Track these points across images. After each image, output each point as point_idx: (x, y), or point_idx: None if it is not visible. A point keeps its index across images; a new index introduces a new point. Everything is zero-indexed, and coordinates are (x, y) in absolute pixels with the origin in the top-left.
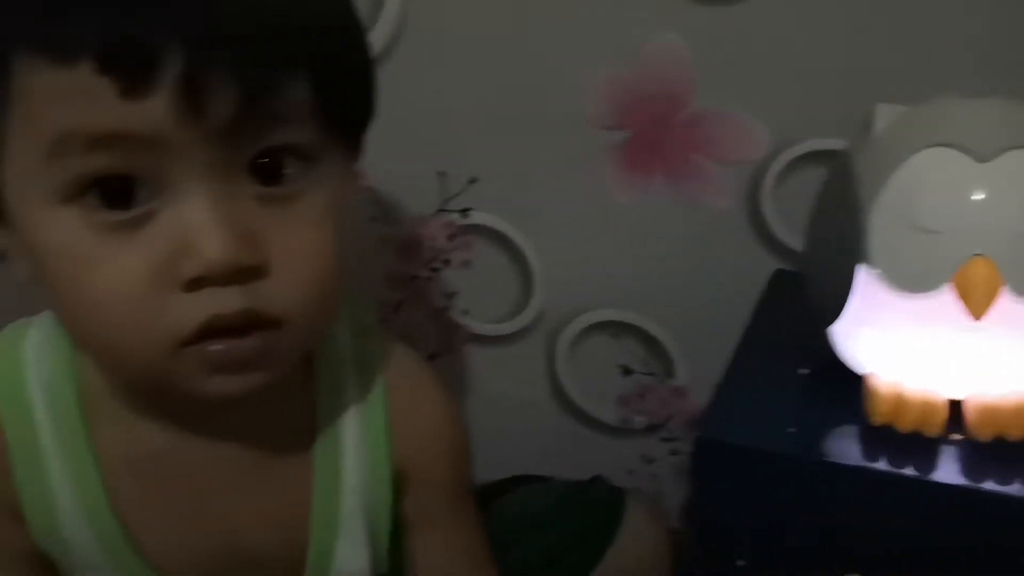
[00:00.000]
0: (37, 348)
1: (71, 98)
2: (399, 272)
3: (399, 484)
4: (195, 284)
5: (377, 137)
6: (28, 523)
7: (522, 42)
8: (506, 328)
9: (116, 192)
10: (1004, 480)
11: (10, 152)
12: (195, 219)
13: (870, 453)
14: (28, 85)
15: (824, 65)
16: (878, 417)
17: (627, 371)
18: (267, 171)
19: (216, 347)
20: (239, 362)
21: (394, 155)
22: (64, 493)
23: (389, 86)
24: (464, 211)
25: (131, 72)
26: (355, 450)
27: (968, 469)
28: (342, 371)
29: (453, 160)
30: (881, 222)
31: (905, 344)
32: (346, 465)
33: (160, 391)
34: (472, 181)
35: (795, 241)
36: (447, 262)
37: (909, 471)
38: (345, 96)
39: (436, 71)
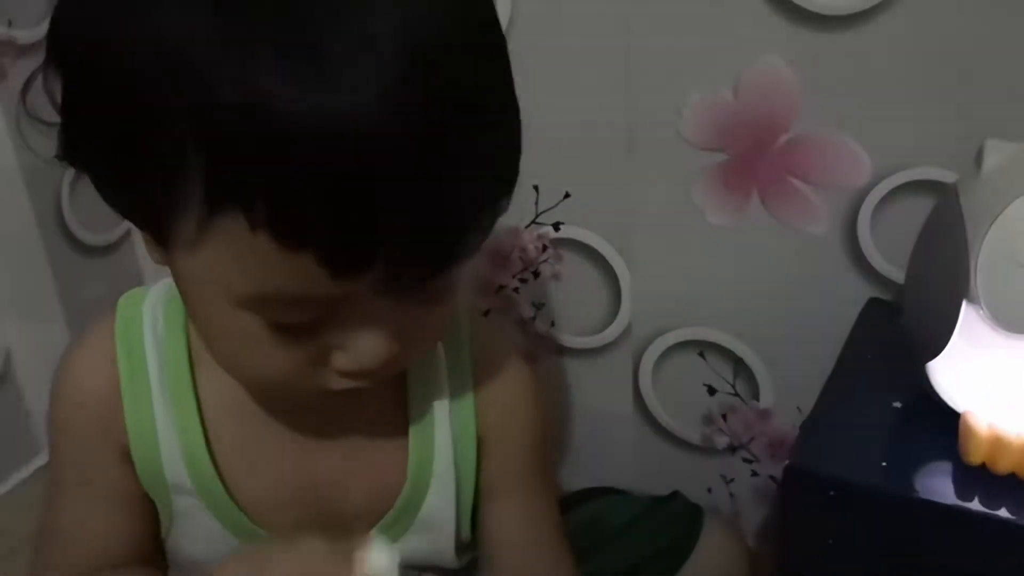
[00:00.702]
0: (152, 308)
1: (288, 272)
2: (488, 280)
3: (482, 450)
4: (348, 373)
5: None
6: (135, 463)
7: (623, 60)
8: (593, 341)
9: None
10: None
11: (201, 261)
12: (359, 328)
13: (964, 493)
14: (242, 242)
15: (934, 95)
16: (974, 457)
17: (712, 390)
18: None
19: (353, 384)
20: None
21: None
22: (167, 435)
23: None
24: (556, 224)
25: (346, 266)
26: (445, 410)
27: None
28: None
29: (548, 174)
30: (987, 260)
31: (1005, 384)
32: (438, 424)
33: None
34: (566, 196)
35: (891, 270)
36: (536, 274)
37: (1003, 513)
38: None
39: (537, 85)
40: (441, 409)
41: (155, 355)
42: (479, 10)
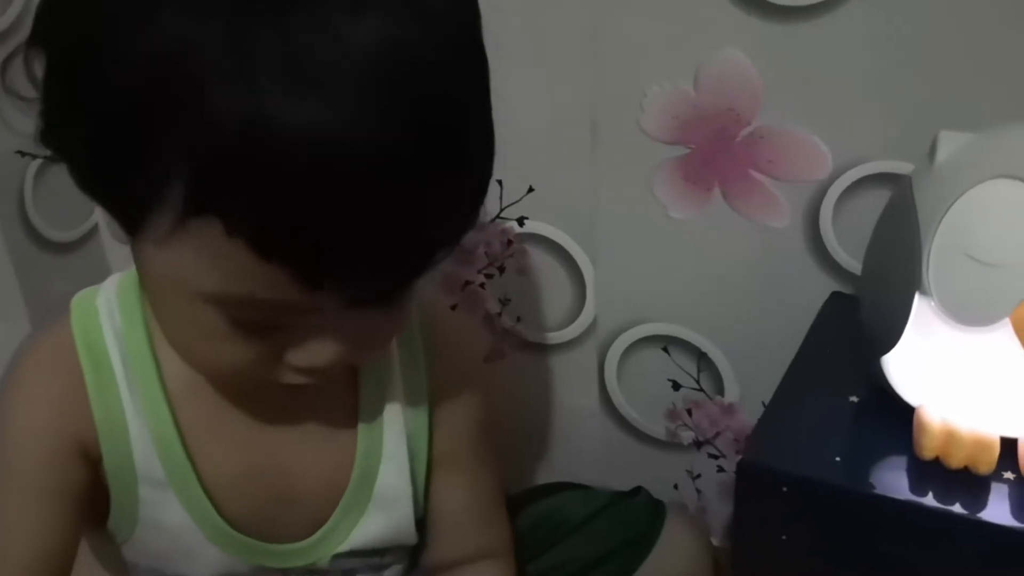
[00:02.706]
0: (107, 302)
1: (260, 279)
2: (454, 276)
3: (433, 422)
4: (301, 369)
5: None
6: (103, 457)
7: (584, 53)
8: (558, 337)
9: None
10: None
11: (171, 257)
12: (315, 334)
13: (917, 488)
14: (218, 246)
15: (893, 88)
16: (927, 452)
17: (676, 385)
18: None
19: (305, 380)
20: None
21: None
22: (137, 423)
23: None
24: (521, 219)
25: (319, 283)
26: (396, 382)
27: (1018, 509)
28: None
29: (512, 169)
30: (940, 253)
31: (958, 378)
32: (390, 396)
33: None
34: (530, 190)
35: (853, 263)
36: (502, 269)
37: (957, 508)
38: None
39: (499, 79)
40: (391, 379)
41: (116, 346)
42: (473, 37)
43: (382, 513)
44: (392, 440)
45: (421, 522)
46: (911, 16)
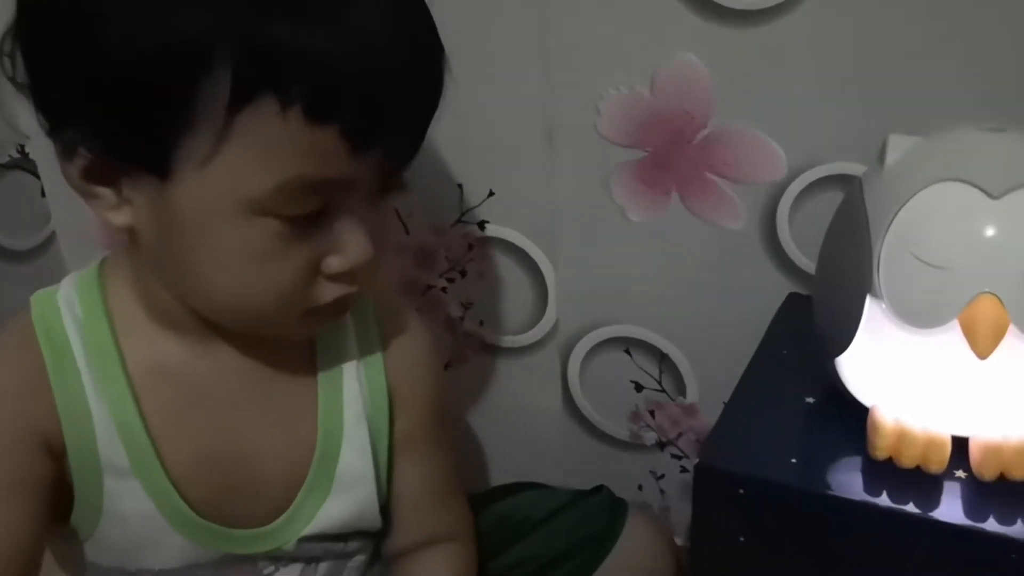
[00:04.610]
0: (67, 296)
1: (313, 152)
2: (416, 280)
3: (393, 404)
4: (337, 276)
5: None
6: (67, 448)
7: (541, 59)
8: (520, 340)
9: (310, 214)
10: (1006, 520)
11: (216, 169)
12: (350, 229)
13: (871, 488)
14: (269, 129)
15: (846, 90)
16: (879, 452)
17: (639, 387)
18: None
19: (329, 310)
20: (330, 319)
21: (413, 166)
22: (100, 412)
23: None
24: (482, 223)
25: (364, 141)
26: (353, 366)
27: (970, 508)
28: None
29: (472, 173)
30: (889, 255)
31: (910, 379)
32: (346, 379)
33: (252, 331)
34: (490, 194)
35: (810, 264)
36: (464, 273)
37: (910, 508)
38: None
39: (457, 85)
40: (349, 365)
41: (78, 335)
42: None
43: (345, 496)
44: (352, 423)
45: (385, 509)
46: (861, 19)
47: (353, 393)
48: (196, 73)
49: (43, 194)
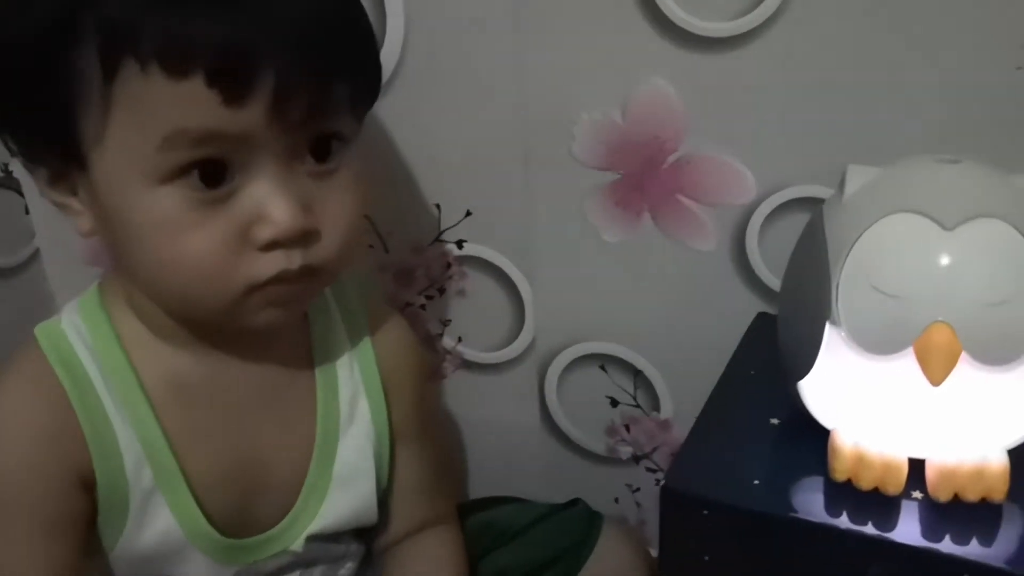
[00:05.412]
0: (71, 323)
1: (182, 104)
2: (394, 298)
3: (387, 392)
4: (269, 246)
5: (377, 169)
6: (97, 477)
7: (516, 83)
8: (498, 356)
9: (210, 174)
10: (960, 540)
11: (112, 143)
12: (269, 194)
13: (832, 509)
14: (138, 91)
15: (811, 115)
16: (839, 474)
17: (614, 402)
18: (318, 152)
19: (278, 290)
20: (289, 301)
21: (393, 186)
22: (125, 433)
23: (390, 121)
24: (459, 242)
25: (234, 87)
26: (347, 363)
27: (926, 529)
28: (328, 303)
29: (449, 193)
30: (848, 284)
31: (868, 403)
32: (341, 372)
33: (214, 324)
34: (468, 214)
35: (779, 284)
36: (442, 291)
37: (869, 529)
38: (367, 91)
39: (435, 109)
40: (342, 359)
41: (92, 361)
42: None
43: (344, 491)
44: (347, 416)
45: (379, 502)
46: (827, 45)
47: (348, 386)
48: (68, 52)
49: (27, 212)
